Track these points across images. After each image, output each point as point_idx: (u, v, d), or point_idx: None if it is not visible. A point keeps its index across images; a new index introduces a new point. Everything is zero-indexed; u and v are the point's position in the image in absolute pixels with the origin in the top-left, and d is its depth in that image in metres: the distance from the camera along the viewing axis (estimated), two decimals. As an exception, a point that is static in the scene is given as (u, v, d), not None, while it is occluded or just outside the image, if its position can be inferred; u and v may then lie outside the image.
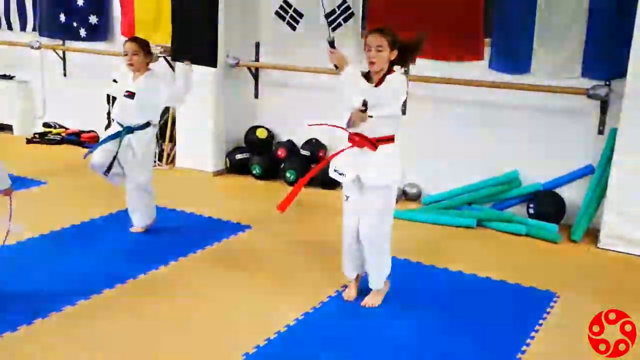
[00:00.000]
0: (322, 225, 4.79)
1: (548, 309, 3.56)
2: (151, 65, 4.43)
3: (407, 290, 3.75)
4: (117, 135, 4.28)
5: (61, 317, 3.30)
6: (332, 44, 3.27)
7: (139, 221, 4.51)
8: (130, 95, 4.27)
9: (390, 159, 3.33)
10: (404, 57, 3.32)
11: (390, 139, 3.32)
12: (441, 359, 3.03)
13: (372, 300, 3.54)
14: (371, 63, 3.24)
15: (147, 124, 4.34)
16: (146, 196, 4.46)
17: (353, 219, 3.44)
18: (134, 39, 4.44)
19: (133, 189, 4.41)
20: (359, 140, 3.29)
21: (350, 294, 3.62)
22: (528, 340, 3.21)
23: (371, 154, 3.29)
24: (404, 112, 5.45)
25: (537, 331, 3.31)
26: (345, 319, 3.39)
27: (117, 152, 4.27)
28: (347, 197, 3.47)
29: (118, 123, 4.33)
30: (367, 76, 3.30)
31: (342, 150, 3.40)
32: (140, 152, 4.32)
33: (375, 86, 3.24)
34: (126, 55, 4.27)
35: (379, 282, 3.54)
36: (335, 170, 3.46)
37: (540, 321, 3.42)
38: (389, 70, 3.28)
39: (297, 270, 4.00)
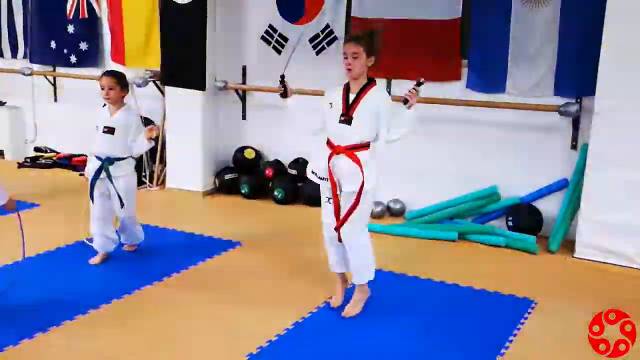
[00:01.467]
0: (309, 240, 4.95)
1: (526, 315, 3.75)
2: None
3: (392, 301, 3.92)
4: (100, 170, 4.28)
5: (61, 330, 3.43)
6: (282, 78, 3.64)
7: (126, 239, 4.60)
8: (110, 130, 4.26)
9: (366, 165, 3.45)
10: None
11: (365, 146, 3.46)
12: (425, 363, 3.21)
13: (352, 310, 3.66)
14: (348, 70, 3.41)
15: (127, 157, 4.36)
16: (132, 225, 4.52)
17: (330, 222, 3.60)
18: (110, 73, 4.38)
19: (121, 224, 4.49)
20: (336, 147, 3.46)
21: (336, 301, 3.77)
22: (507, 344, 3.39)
23: (348, 161, 3.43)
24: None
25: (515, 335, 3.49)
26: (332, 330, 3.53)
27: (94, 180, 4.28)
28: (329, 199, 3.58)
29: (97, 157, 4.31)
30: (347, 86, 3.50)
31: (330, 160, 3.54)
32: (123, 180, 4.31)
33: (356, 99, 3.44)
34: (103, 89, 4.27)
35: (362, 276, 3.67)
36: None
37: (519, 326, 3.60)
38: (370, 83, 3.47)
39: (286, 284, 4.15)
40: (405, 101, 3.43)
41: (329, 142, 3.53)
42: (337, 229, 3.57)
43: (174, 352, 3.25)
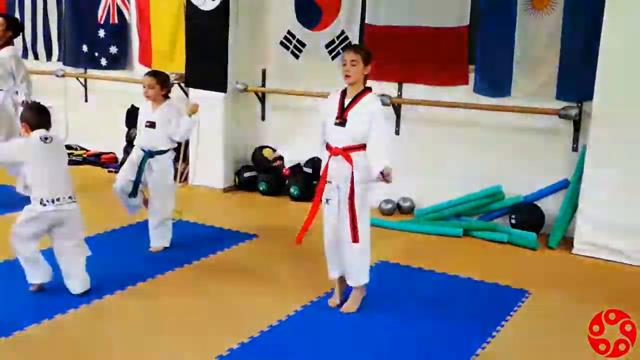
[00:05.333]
0: (320, 235, 5.25)
1: (520, 303, 4.02)
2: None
3: (394, 289, 4.22)
4: (142, 163, 4.68)
5: (95, 306, 3.86)
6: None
7: (155, 241, 4.81)
8: (152, 124, 4.67)
9: (357, 167, 3.66)
10: None
11: (360, 147, 3.66)
12: (416, 346, 3.49)
13: (350, 307, 3.84)
14: (346, 76, 3.66)
15: (167, 150, 4.73)
16: (165, 226, 4.82)
17: (332, 222, 3.79)
18: (152, 73, 4.76)
19: (156, 219, 4.77)
20: (334, 149, 3.71)
21: (335, 301, 3.92)
22: (498, 328, 3.67)
23: (344, 162, 3.65)
24: (397, 132, 5.98)
25: (507, 320, 3.76)
26: (333, 316, 3.80)
27: (139, 176, 4.68)
28: (328, 200, 3.78)
29: (141, 149, 4.71)
30: (344, 92, 3.76)
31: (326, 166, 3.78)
32: (158, 174, 4.68)
33: (351, 102, 3.68)
34: (144, 87, 4.66)
35: (358, 279, 3.81)
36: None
37: (512, 313, 3.87)
38: (365, 90, 3.73)
39: (294, 273, 4.45)
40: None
41: (327, 146, 3.77)
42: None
43: (195, 324, 3.60)
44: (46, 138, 3.86)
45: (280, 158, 6.57)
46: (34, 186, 3.81)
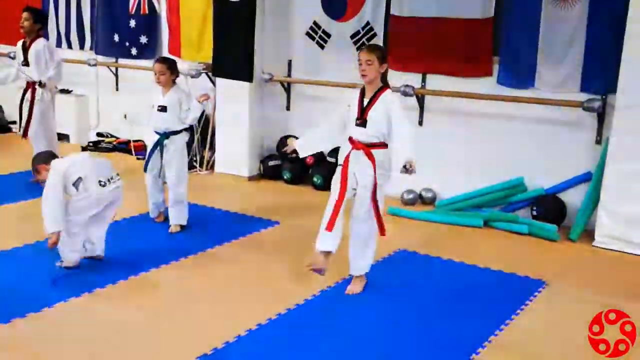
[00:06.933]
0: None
1: (536, 293, 4.05)
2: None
3: (411, 277, 4.29)
4: (157, 143, 4.96)
5: (138, 280, 4.11)
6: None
7: (173, 220, 5.04)
8: (163, 108, 4.92)
9: (380, 165, 3.79)
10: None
11: (382, 145, 3.80)
12: (430, 332, 3.55)
13: (354, 288, 3.98)
14: (363, 76, 3.78)
15: (181, 130, 4.98)
16: (181, 202, 5.03)
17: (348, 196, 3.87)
18: (162, 60, 5.01)
19: (172, 198, 5.01)
20: (356, 143, 3.82)
21: (320, 265, 3.95)
22: (513, 316, 3.71)
23: (365, 157, 3.78)
24: (420, 123, 6.01)
25: (522, 309, 3.80)
26: (347, 302, 3.88)
27: (153, 151, 4.96)
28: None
29: (156, 132, 4.98)
30: (363, 91, 3.86)
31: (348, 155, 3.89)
32: (172, 153, 4.93)
33: (369, 102, 3.79)
34: (155, 74, 4.91)
35: (361, 269, 3.97)
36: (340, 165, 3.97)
37: (527, 302, 3.91)
38: (383, 87, 3.82)
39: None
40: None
41: (350, 139, 3.88)
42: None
43: (213, 305, 3.73)
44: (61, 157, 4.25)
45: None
46: (89, 175, 4.06)
